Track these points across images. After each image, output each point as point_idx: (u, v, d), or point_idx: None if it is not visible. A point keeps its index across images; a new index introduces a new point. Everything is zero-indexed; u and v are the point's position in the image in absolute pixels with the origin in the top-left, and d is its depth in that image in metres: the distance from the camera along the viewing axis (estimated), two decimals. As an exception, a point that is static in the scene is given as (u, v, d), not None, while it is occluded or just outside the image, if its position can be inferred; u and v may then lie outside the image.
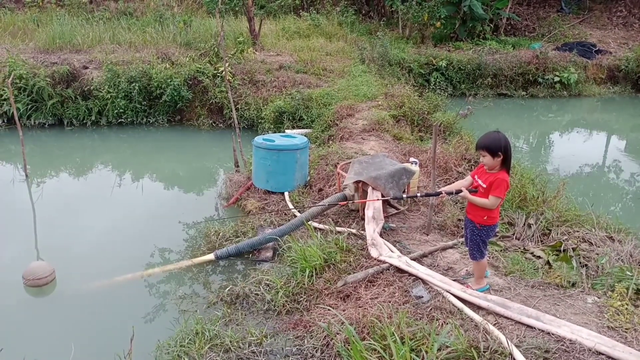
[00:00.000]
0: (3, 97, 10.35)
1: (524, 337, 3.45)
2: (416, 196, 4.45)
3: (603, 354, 3.24)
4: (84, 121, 10.81)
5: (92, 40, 12.83)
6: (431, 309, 3.85)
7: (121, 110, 10.81)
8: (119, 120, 10.93)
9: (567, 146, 11.43)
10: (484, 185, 3.76)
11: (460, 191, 3.86)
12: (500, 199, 3.72)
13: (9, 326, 4.48)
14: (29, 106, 10.53)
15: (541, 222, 5.38)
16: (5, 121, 10.58)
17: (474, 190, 3.86)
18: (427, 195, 4.35)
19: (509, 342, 3.27)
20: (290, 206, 6.15)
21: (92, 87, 10.79)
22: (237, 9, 15.15)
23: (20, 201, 7.27)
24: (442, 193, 4.01)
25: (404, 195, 4.77)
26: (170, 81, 10.70)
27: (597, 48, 16.38)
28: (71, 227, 6.40)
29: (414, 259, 4.58)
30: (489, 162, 3.70)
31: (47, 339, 4.31)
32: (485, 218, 3.84)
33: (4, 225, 6.44)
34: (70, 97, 10.74)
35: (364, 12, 18.71)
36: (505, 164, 3.71)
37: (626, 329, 3.54)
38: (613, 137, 12.29)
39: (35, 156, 9.01)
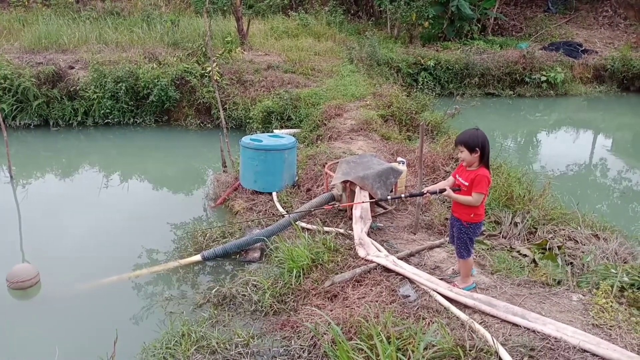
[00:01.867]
0: (-13, 98, 10.22)
1: (510, 335, 3.47)
2: (400, 197, 4.48)
3: (587, 352, 3.26)
4: (70, 122, 10.70)
5: (78, 40, 12.71)
6: (418, 308, 3.86)
7: (108, 111, 10.71)
8: (106, 121, 10.83)
9: (554, 145, 11.52)
10: (466, 183, 3.79)
11: (444, 190, 3.89)
12: (483, 195, 3.75)
13: (-7, 330, 4.42)
14: (14, 107, 10.42)
15: (527, 220, 5.41)
16: (-10, 122, 10.46)
17: (456, 189, 3.88)
18: (412, 195, 4.37)
19: (495, 341, 3.29)
20: (279, 207, 6.13)
21: (78, 88, 10.70)
22: (225, 8, 15.08)
23: (5, 203, 7.18)
24: (425, 193, 4.06)
25: (389, 197, 4.78)
26: (158, 81, 10.64)
27: (583, 48, 16.55)
28: (56, 229, 6.33)
29: (401, 258, 4.59)
30: (467, 157, 3.75)
31: (32, 342, 4.26)
32: (472, 215, 3.86)
33: (-12, 228, 6.36)
34: (56, 97, 10.64)
35: (352, 11, 18.74)
36: (484, 160, 3.75)
37: (610, 326, 3.57)
38: (599, 136, 12.41)
39: (20, 157, 8.90)
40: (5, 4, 16.31)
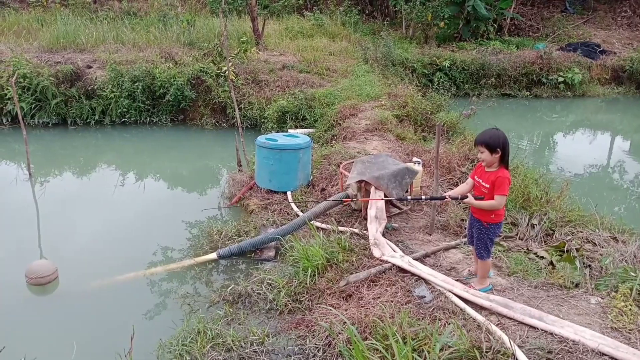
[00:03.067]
0: (7, 96, 10.38)
1: (527, 337, 3.44)
2: (420, 199, 4.44)
3: (606, 355, 3.22)
4: (88, 120, 10.83)
5: (95, 40, 12.86)
6: (433, 309, 3.84)
7: (124, 110, 10.82)
8: (123, 120, 10.95)
9: (571, 147, 11.40)
10: (487, 185, 3.76)
11: (466, 197, 3.85)
12: (505, 197, 3.72)
13: (11, 324, 4.48)
14: (33, 105, 10.57)
15: (545, 222, 5.36)
16: (9, 120, 10.63)
17: (479, 197, 3.83)
18: (432, 198, 4.34)
19: (512, 343, 3.26)
20: (293, 206, 6.14)
21: (95, 87, 10.82)
22: (240, 8, 15.17)
23: (24, 200, 7.29)
24: (446, 197, 4.00)
25: (409, 197, 4.75)
26: (174, 81, 10.73)
27: (601, 48, 16.34)
28: (74, 226, 6.41)
29: (416, 259, 4.57)
30: (487, 157, 3.72)
31: (49, 338, 4.32)
32: (492, 216, 3.84)
33: (8, 224, 6.45)
34: (74, 96, 10.78)
35: (367, 12, 18.71)
36: (504, 161, 3.72)
37: (630, 329, 3.52)
38: (617, 138, 12.25)
39: (38, 155, 9.03)
40: (24, 4, 16.56)
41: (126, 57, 11.67)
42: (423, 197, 4.49)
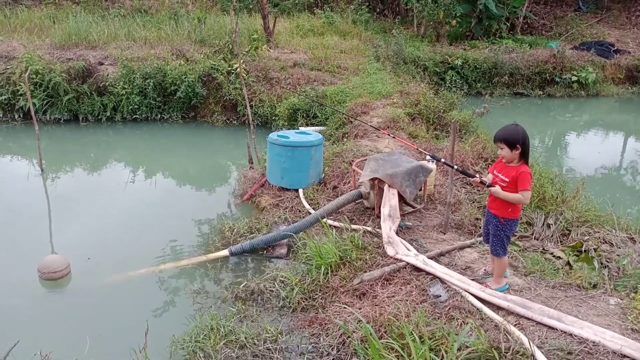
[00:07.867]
0: (19, 93, 10.42)
1: (546, 338, 3.37)
2: (452, 167, 4.38)
3: (628, 357, 3.15)
4: (99, 117, 10.85)
5: (107, 37, 12.88)
6: (449, 309, 3.78)
7: (136, 107, 10.84)
8: (134, 116, 10.97)
9: (585, 147, 11.26)
10: (507, 179, 3.69)
11: (493, 186, 3.77)
12: (530, 192, 3.68)
13: (25, 319, 4.47)
14: (45, 101, 10.59)
15: (561, 222, 5.28)
16: (22, 116, 10.68)
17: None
18: (463, 172, 4.28)
19: (531, 343, 3.19)
20: (305, 204, 6.10)
21: (107, 83, 10.83)
22: (251, 6, 15.17)
23: (36, 195, 7.30)
24: (476, 177, 3.95)
25: (442, 159, 4.68)
26: (185, 78, 10.72)
27: (615, 48, 16.17)
28: (86, 222, 6.40)
29: (431, 258, 4.51)
30: (507, 154, 3.66)
31: (62, 333, 4.30)
32: (509, 211, 3.77)
33: (20, 219, 6.45)
34: (85, 92, 10.79)
35: (378, 10, 18.64)
36: (524, 157, 3.66)
37: (651, 331, 3.45)
38: (630, 138, 12.09)
39: (50, 151, 9.04)
40: (36, 1, 16.63)
41: (137, 54, 11.67)
42: (455, 166, 4.40)
